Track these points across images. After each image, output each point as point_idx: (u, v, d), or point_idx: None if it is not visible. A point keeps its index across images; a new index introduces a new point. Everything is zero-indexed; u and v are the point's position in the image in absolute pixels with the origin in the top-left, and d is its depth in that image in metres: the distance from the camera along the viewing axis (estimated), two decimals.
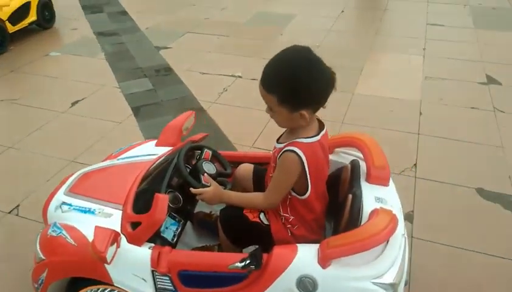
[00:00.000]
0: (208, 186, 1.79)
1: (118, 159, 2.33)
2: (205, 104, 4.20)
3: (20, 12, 5.64)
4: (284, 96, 1.50)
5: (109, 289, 1.80)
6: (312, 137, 1.60)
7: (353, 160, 1.94)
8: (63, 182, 2.18)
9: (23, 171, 3.26)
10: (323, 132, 1.65)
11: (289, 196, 1.68)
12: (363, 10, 7.25)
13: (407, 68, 4.94)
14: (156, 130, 3.52)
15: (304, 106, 1.51)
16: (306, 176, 1.59)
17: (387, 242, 1.57)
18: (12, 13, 5.44)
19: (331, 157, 2.05)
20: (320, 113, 1.65)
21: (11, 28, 5.50)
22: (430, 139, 3.56)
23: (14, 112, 4.19)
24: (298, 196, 1.66)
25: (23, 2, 5.70)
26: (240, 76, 4.74)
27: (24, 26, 5.76)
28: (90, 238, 1.63)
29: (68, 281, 1.86)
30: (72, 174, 2.25)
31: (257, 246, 1.79)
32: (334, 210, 1.89)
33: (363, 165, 1.91)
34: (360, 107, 4.10)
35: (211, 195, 1.75)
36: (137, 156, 2.30)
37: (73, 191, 2.06)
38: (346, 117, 3.90)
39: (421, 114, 3.94)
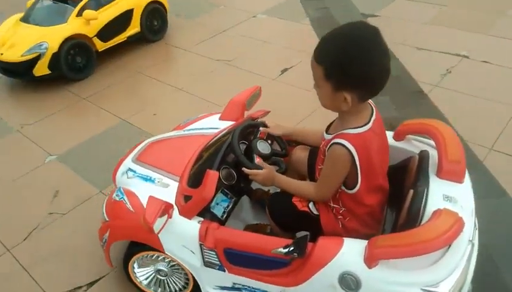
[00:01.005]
0: (261, 167, 1.75)
1: (184, 130, 2.39)
2: (425, 86, 3.61)
3: (116, 24, 4.52)
4: (331, 69, 1.36)
5: (162, 257, 1.90)
6: (363, 126, 1.45)
7: (423, 150, 1.74)
8: (133, 149, 2.31)
9: None
10: (374, 118, 1.49)
11: (339, 190, 1.57)
12: None
13: None
14: None
15: (349, 87, 1.37)
16: (357, 170, 1.46)
17: (449, 247, 1.40)
18: (102, 28, 4.38)
19: (401, 144, 1.89)
20: None
21: (101, 46, 4.45)
22: None
23: (231, 73, 4.22)
24: (346, 190, 1.55)
25: (121, 12, 4.53)
26: (467, 56, 4.02)
27: (119, 41, 4.64)
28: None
29: (129, 244, 1.99)
30: (142, 141, 2.37)
31: (307, 233, 1.73)
32: (397, 203, 1.73)
33: (436, 156, 1.71)
34: None
35: (263, 178, 1.71)
36: (201, 129, 2.33)
37: (139, 159, 2.17)
38: None
39: None
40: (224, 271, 1.73)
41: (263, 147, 1.87)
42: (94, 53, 4.41)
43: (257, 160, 1.78)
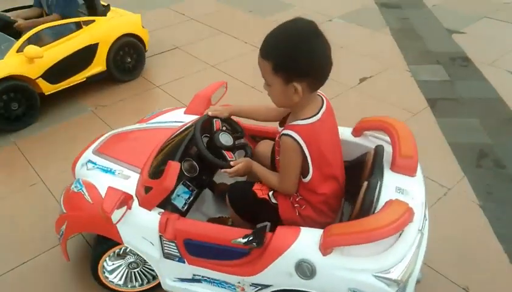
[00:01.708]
0: (233, 160, 1.78)
1: (147, 123, 2.38)
2: None
3: (73, 62, 3.54)
4: (279, 62, 1.43)
5: (129, 249, 1.86)
6: (311, 117, 1.52)
7: (378, 145, 1.82)
8: (94, 141, 2.27)
9: None
10: (323, 109, 1.56)
11: None
12: None
13: None
14: (458, 132, 3.17)
15: (298, 77, 1.43)
16: (307, 159, 1.52)
17: (399, 235, 1.47)
18: (52, 67, 3.39)
19: (358, 140, 1.96)
20: None
21: (48, 89, 3.45)
22: None
23: None
24: (301, 178, 1.60)
25: (80, 47, 3.54)
26: None
27: (76, 83, 3.65)
28: None
29: (92, 249, 1.95)
30: (104, 133, 2.34)
31: (268, 223, 1.76)
32: (354, 196, 1.80)
33: (389, 151, 1.79)
34: None
35: (244, 170, 1.74)
36: (165, 122, 2.32)
37: (99, 150, 2.14)
38: None
39: None
40: (184, 262, 1.74)
41: (226, 139, 1.88)
42: (37, 97, 3.38)
43: (229, 156, 1.80)
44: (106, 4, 3.86)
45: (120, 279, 2.00)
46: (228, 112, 1.99)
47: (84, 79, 3.71)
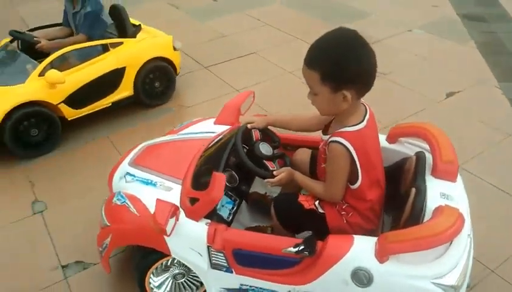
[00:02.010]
0: (275, 169, 1.81)
1: (178, 135, 2.39)
2: None
3: (97, 87, 3.35)
4: (327, 71, 1.46)
5: (173, 260, 1.88)
6: (358, 123, 1.56)
7: (419, 152, 1.85)
8: (127, 153, 2.28)
9: None
10: (367, 116, 1.60)
11: None
12: None
13: None
14: None
15: (347, 84, 1.47)
16: (356, 165, 1.56)
17: (451, 242, 1.50)
18: (75, 92, 3.22)
19: (394, 146, 1.98)
20: None
21: (71, 114, 3.28)
22: None
23: (388, 88, 3.79)
24: (349, 185, 1.64)
25: (106, 71, 3.36)
26: None
27: (100, 108, 3.46)
28: (151, 208, 1.72)
29: (135, 265, 1.95)
30: (136, 146, 2.35)
31: (310, 232, 1.78)
32: (394, 203, 1.82)
33: (429, 157, 1.82)
34: None
35: (287, 179, 1.77)
36: (197, 133, 2.34)
37: (136, 162, 2.15)
38: None
39: None
40: (232, 272, 1.75)
41: (266, 149, 1.91)
42: (59, 123, 3.20)
43: (270, 165, 1.82)
44: (137, 24, 3.71)
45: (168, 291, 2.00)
46: (266, 123, 2.02)
47: (110, 104, 3.50)
